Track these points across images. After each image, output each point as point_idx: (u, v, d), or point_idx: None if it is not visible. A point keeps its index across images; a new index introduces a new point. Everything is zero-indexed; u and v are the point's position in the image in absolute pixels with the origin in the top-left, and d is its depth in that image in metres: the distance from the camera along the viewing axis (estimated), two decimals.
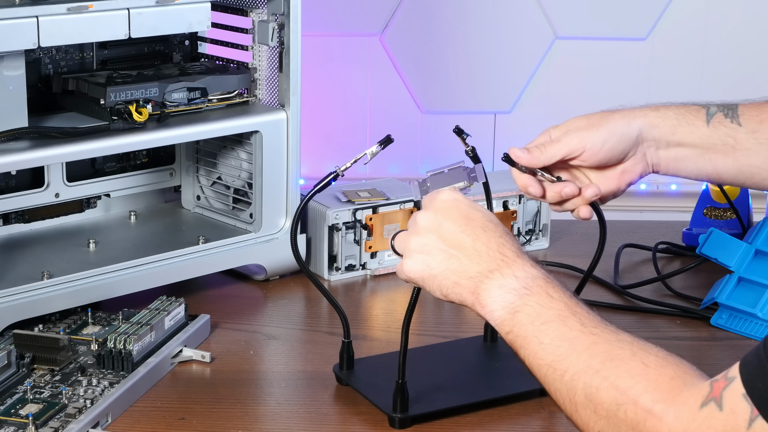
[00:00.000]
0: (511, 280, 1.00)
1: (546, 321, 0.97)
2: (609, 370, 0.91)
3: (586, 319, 0.96)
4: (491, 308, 1.01)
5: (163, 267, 1.48)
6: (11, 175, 1.49)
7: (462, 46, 2.10)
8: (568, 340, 0.95)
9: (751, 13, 2.08)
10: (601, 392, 0.90)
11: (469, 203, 1.07)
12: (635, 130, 1.18)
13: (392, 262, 1.63)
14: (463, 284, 1.02)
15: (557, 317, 0.96)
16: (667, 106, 1.20)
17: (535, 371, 0.97)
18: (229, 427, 1.19)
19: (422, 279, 1.05)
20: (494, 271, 1.01)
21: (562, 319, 0.96)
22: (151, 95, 1.46)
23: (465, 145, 1.20)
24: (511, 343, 0.99)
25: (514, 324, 0.99)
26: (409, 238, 1.07)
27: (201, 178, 1.67)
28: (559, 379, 0.94)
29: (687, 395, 0.86)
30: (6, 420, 1.15)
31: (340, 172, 1.22)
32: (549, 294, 0.98)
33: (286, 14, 1.51)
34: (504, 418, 1.22)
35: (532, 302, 0.98)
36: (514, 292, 0.99)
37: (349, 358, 1.29)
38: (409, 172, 2.11)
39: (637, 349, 0.92)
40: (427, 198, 1.10)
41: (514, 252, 1.02)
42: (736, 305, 1.44)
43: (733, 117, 1.18)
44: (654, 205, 2.17)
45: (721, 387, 0.84)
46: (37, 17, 1.31)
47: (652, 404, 0.87)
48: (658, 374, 0.89)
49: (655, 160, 1.19)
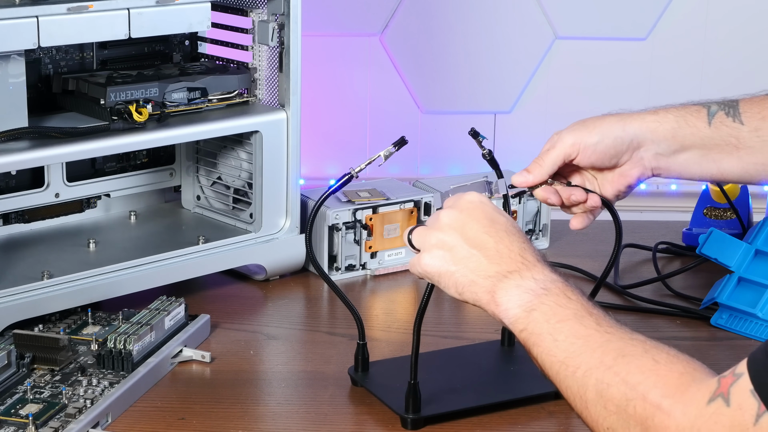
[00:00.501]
0: (530, 281, 1.01)
1: (562, 319, 0.97)
2: (620, 366, 0.91)
3: (602, 320, 0.96)
4: (506, 306, 1.01)
5: (163, 267, 1.48)
6: (11, 175, 1.49)
7: (462, 46, 2.09)
8: (582, 337, 0.95)
9: (751, 12, 2.07)
10: (612, 388, 0.91)
11: (493, 207, 1.07)
12: (630, 134, 1.17)
13: (392, 262, 1.63)
14: (480, 283, 1.03)
15: (573, 316, 0.97)
16: (667, 108, 1.19)
17: (546, 368, 0.97)
18: (229, 427, 1.19)
19: (439, 275, 1.06)
20: (513, 273, 1.01)
21: (578, 318, 0.96)
22: (151, 95, 1.46)
23: (481, 147, 1.20)
24: (524, 342, 0.99)
25: (528, 322, 0.99)
26: (430, 233, 1.07)
27: (201, 178, 1.67)
28: (571, 376, 0.94)
29: (695, 391, 0.86)
30: (6, 420, 1.15)
31: (354, 174, 1.22)
32: (567, 295, 0.99)
33: (286, 14, 1.51)
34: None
35: (549, 302, 0.98)
36: (532, 293, 1.00)
37: (364, 360, 1.29)
38: (409, 172, 2.10)
39: (650, 347, 0.92)
40: (451, 199, 1.10)
41: (535, 257, 1.03)
42: (736, 305, 1.44)
43: (735, 115, 1.18)
44: (654, 205, 2.17)
45: (728, 383, 0.84)
46: (37, 17, 1.31)
47: (661, 399, 0.88)
48: (667, 370, 0.89)
49: (655, 164, 1.19)
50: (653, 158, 1.19)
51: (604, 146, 1.18)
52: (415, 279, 1.61)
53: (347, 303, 1.29)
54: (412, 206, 1.62)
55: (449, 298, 1.07)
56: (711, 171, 1.19)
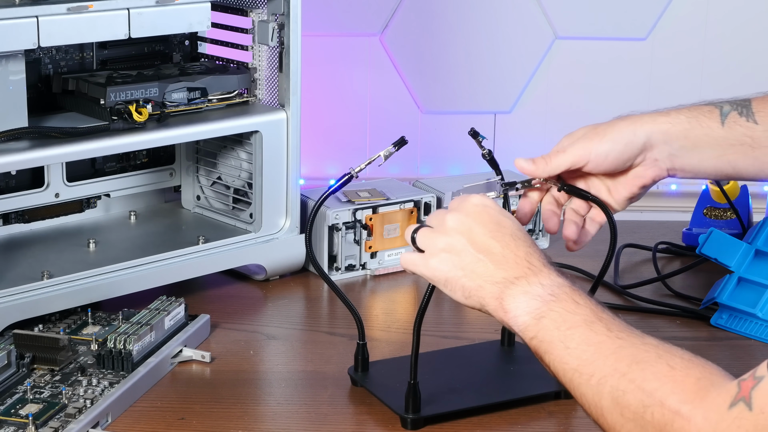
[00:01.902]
0: (537, 287, 1.00)
1: (572, 326, 0.96)
2: (635, 373, 0.91)
3: (612, 324, 0.96)
4: (515, 314, 1.00)
5: (163, 267, 1.48)
6: (11, 175, 1.49)
7: (462, 46, 2.09)
8: (594, 344, 0.94)
9: (751, 13, 2.07)
10: (628, 395, 0.90)
11: (499, 210, 1.07)
12: (641, 137, 1.15)
13: (392, 262, 1.63)
14: (488, 289, 1.02)
15: (583, 322, 0.96)
16: (678, 109, 1.18)
17: (560, 376, 0.97)
18: (229, 427, 1.19)
19: (446, 279, 1.05)
20: (520, 278, 1.01)
21: (588, 323, 0.96)
22: (151, 95, 1.46)
23: (481, 148, 1.20)
24: (535, 349, 0.99)
25: (539, 329, 0.98)
26: (437, 236, 1.07)
27: (201, 178, 1.67)
28: (585, 384, 0.94)
29: (715, 395, 0.86)
30: (6, 420, 1.15)
31: (354, 174, 1.22)
32: (575, 300, 0.98)
33: (286, 14, 1.51)
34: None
35: (558, 308, 0.98)
36: (540, 299, 0.99)
37: (364, 360, 1.29)
38: (408, 172, 2.10)
39: (663, 352, 0.92)
40: (455, 200, 1.09)
41: (541, 262, 1.03)
42: (736, 305, 1.44)
43: (749, 115, 1.16)
44: (654, 205, 2.17)
45: (749, 386, 0.84)
46: (37, 17, 1.31)
47: (680, 405, 0.87)
48: (684, 375, 0.89)
49: (670, 165, 1.17)
50: (668, 159, 1.17)
51: (616, 153, 1.16)
52: (415, 279, 1.61)
53: (347, 303, 1.29)
54: (412, 206, 1.62)
55: (449, 298, 1.07)
56: (726, 171, 1.17)
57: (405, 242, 1.61)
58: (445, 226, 1.06)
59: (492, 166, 1.21)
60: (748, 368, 0.86)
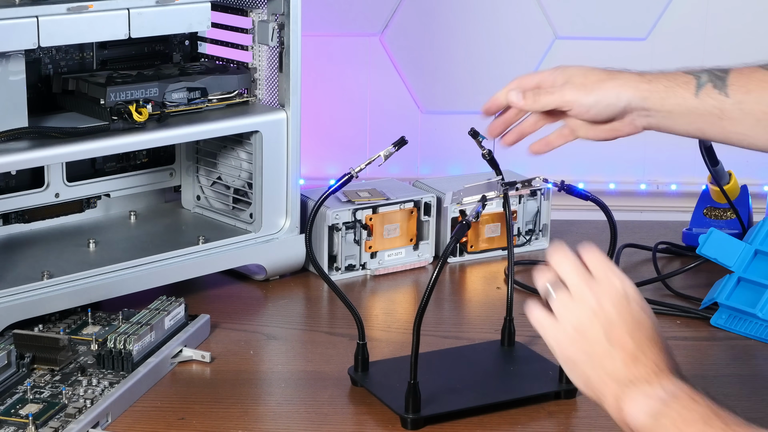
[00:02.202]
0: (658, 389, 1.00)
1: (690, 423, 0.97)
2: None
3: (729, 420, 0.96)
4: (634, 415, 1.00)
5: (163, 267, 1.48)
6: (11, 175, 1.49)
7: (462, 46, 2.10)
8: None
9: (751, 12, 2.08)
10: None
11: (641, 305, 1.04)
12: (623, 101, 1.23)
13: (392, 262, 1.63)
14: (610, 385, 1.02)
15: (701, 419, 0.97)
16: (659, 76, 1.25)
17: None
18: (229, 427, 1.19)
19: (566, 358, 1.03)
20: (643, 381, 1.01)
21: (705, 419, 0.96)
22: (151, 95, 1.46)
23: (481, 147, 1.20)
24: None
25: (657, 428, 0.99)
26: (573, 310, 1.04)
27: (201, 178, 1.67)
28: None
29: None
30: (6, 420, 1.15)
31: (354, 174, 1.22)
32: (693, 399, 0.99)
33: (286, 14, 1.51)
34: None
35: (677, 406, 0.98)
36: (660, 400, 0.99)
37: (364, 360, 1.29)
38: (408, 172, 2.11)
39: None
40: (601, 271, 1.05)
41: (668, 365, 1.02)
42: (736, 305, 1.44)
43: (722, 88, 1.23)
44: (654, 205, 2.17)
45: None
46: (37, 17, 1.31)
47: None
48: None
49: (646, 124, 1.26)
50: (644, 119, 1.25)
51: (597, 110, 1.24)
52: (415, 279, 1.61)
53: (347, 303, 1.29)
54: (412, 206, 1.62)
55: (449, 298, 1.07)
56: (696, 134, 1.26)
57: (404, 242, 1.62)
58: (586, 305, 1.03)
59: (492, 166, 1.21)
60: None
